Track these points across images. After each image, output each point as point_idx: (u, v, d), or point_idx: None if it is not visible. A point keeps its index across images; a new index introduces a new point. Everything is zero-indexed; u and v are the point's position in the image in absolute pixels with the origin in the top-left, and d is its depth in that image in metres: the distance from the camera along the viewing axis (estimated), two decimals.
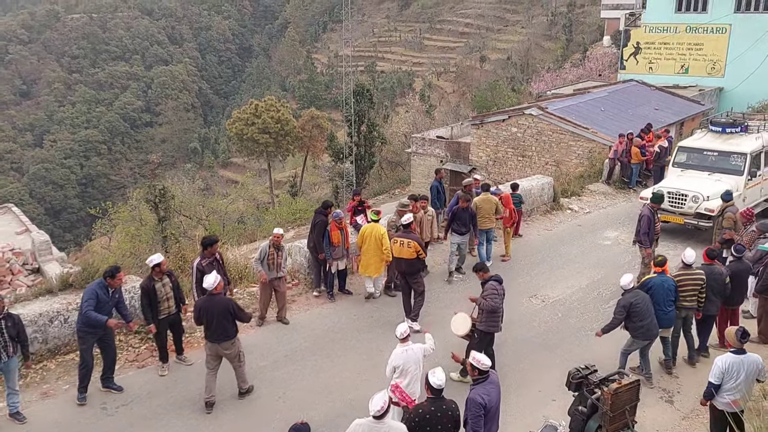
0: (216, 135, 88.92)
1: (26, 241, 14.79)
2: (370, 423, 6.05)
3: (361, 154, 37.22)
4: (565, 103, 25.33)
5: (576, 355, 9.78)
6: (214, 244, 9.80)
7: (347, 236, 11.65)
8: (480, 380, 6.70)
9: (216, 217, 28.66)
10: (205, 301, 8.54)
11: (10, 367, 8.09)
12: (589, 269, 13.43)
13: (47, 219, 70.03)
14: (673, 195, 14.61)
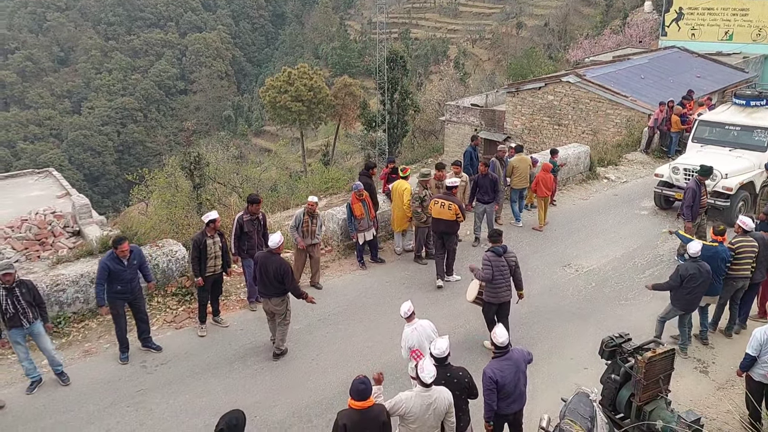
0: (249, 103, 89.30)
1: (67, 205, 15.14)
2: (420, 392, 6.03)
3: (394, 123, 36.98)
4: (604, 71, 24.75)
5: (610, 324, 9.70)
6: (256, 203, 9.98)
7: (370, 207, 11.55)
8: (497, 355, 6.68)
9: (250, 184, 28.91)
10: (264, 256, 8.84)
11: (35, 331, 8.20)
12: (625, 239, 13.24)
13: (86, 185, 71.46)
14: (690, 172, 13.75)
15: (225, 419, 5.15)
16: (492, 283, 8.71)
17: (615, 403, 7.28)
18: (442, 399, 6.05)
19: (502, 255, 8.69)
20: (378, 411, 5.78)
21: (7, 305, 7.84)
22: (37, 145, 79.66)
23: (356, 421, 5.69)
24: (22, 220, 14.00)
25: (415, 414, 5.98)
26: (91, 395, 8.28)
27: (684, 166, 13.99)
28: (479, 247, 12.73)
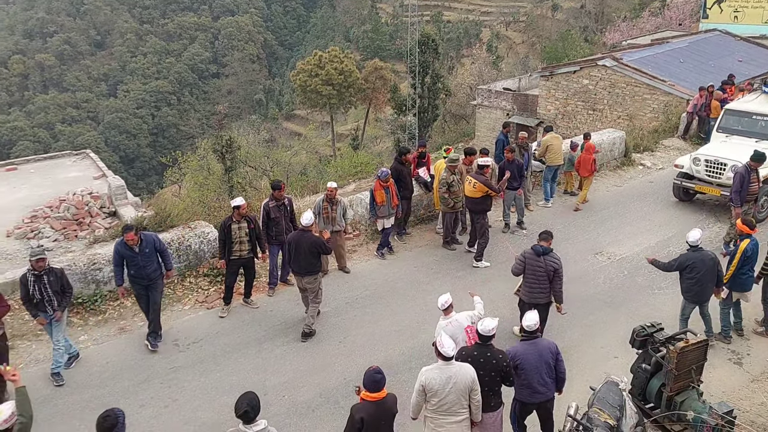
0: (280, 86, 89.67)
1: (103, 186, 15.46)
2: (440, 365, 6.05)
3: (425, 107, 36.76)
4: (642, 54, 24.20)
5: (642, 313, 9.57)
6: (279, 189, 10.04)
7: (393, 195, 11.42)
8: (524, 339, 6.72)
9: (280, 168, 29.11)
10: (296, 235, 9.15)
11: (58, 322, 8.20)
12: (660, 227, 13.01)
13: (122, 167, 72.73)
14: (711, 163, 13.22)
15: (245, 400, 5.21)
16: (525, 280, 8.53)
17: (645, 393, 7.23)
18: (464, 374, 6.02)
19: (541, 255, 8.32)
20: (392, 401, 5.77)
21: (34, 291, 7.92)
22: (75, 128, 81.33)
23: (372, 414, 5.63)
24: (60, 200, 14.36)
25: (435, 387, 5.98)
26: (126, 371, 8.49)
27: (705, 157, 13.35)
28: (508, 233, 12.65)
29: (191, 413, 7.68)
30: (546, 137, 14.04)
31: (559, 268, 8.32)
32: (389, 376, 8.14)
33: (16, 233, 13.17)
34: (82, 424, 7.46)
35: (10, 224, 13.56)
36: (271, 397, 7.99)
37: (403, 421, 6.73)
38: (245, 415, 5.16)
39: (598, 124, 22.66)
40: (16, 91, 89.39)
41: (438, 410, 6.07)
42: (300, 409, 7.86)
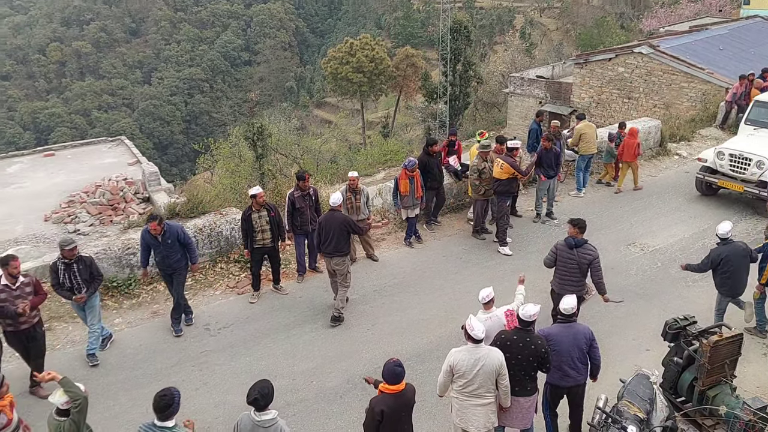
0: (311, 74, 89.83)
1: (137, 172, 15.74)
2: (469, 348, 6.05)
3: (456, 94, 36.49)
4: (680, 41, 23.63)
5: (675, 306, 9.42)
6: (304, 179, 10.05)
7: (418, 186, 11.30)
8: (560, 321, 6.73)
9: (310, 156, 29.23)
10: (326, 216, 9.33)
11: (88, 304, 8.31)
12: (695, 218, 12.75)
13: (156, 153, 73.85)
14: (735, 158, 12.74)
15: (257, 389, 5.26)
16: (556, 272, 8.37)
17: (677, 387, 7.13)
18: (492, 358, 6.03)
19: (573, 248, 8.06)
20: (411, 393, 5.75)
21: (64, 279, 8.06)
22: (111, 114, 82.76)
23: (392, 406, 5.62)
24: (96, 185, 14.67)
25: (463, 369, 5.99)
26: (159, 354, 8.67)
27: (730, 151, 12.89)
28: (539, 222, 12.53)
29: (221, 396, 7.81)
30: (579, 125, 13.82)
31: (594, 259, 8.05)
32: (417, 364, 8.21)
33: (54, 218, 13.51)
34: (116, 404, 7.65)
35: (48, 209, 13.91)
36: (300, 382, 8.08)
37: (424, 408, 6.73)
38: (255, 402, 5.23)
39: (634, 112, 22.25)
40: (54, 78, 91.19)
41: (464, 392, 6.10)
42: (328, 394, 7.93)
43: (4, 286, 7.39)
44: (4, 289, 7.38)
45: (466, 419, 6.18)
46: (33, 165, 17.46)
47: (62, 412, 5.39)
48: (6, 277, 7.40)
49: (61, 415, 5.39)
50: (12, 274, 7.42)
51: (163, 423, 5.21)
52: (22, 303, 7.40)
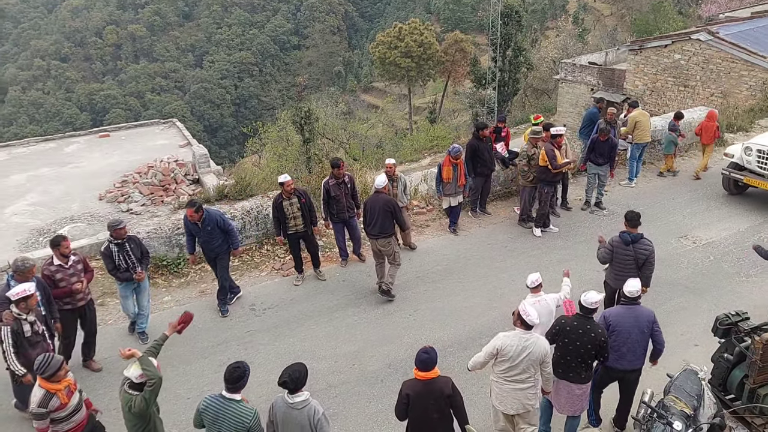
0: (359, 59, 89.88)
1: (188, 154, 16.09)
2: (519, 333, 6.01)
3: (505, 80, 36.02)
4: (740, 28, 22.72)
5: (727, 301, 9.15)
6: (338, 167, 9.86)
7: (461, 173, 11.11)
8: (623, 303, 6.63)
9: (356, 140, 29.35)
10: (371, 198, 9.44)
11: (142, 286, 8.46)
12: (751, 212, 12.32)
13: (206, 136, 75.32)
14: (764, 154, 11.97)
15: (288, 372, 5.28)
16: (612, 267, 8.18)
17: (726, 384, 6.94)
18: (539, 346, 6.00)
19: (630, 244, 7.83)
20: (442, 383, 5.65)
21: (119, 260, 8.10)
22: (163, 97, 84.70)
23: (419, 392, 5.61)
24: (148, 166, 15.06)
25: (510, 354, 5.95)
26: (206, 332, 8.88)
27: (758, 147, 12.06)
28: (587, 211, 12.32)
29: (265, 375, 7.95)
30: (634, 113, 13.42)
31: (650, 255, 7.84)
32: (458, 351, 8.20)
33: (108, 197, 13.95)
34: (165, 379, 7.78)
35: (103, 188, 14.36)
36: (342, 364, 8.17)
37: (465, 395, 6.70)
38: (284, 385, 5.27)
39: (689, 101, 21.56)
40: (109, 60, 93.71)
41: (506, 376, 6.08)
42: (369, 378, 8.00)
43: (58, 266, 7.52)
44: (59, 268, 7.52)
45: (505, 402, 6.18)
46: (89, 145, 18.03)
47: (135, 386, 5.46)
48: (58, 256, 7.55)
49: (133, 389, 5.46)
50: (64, 254, 7.56)
51: (232, 395, 5.31)
52: (78, 280, 7.63)
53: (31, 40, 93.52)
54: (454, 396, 5.61)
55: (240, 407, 5.27)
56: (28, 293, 6.47)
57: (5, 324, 6.46)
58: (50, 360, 5.56)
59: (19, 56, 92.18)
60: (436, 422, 5.64)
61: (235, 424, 5.23)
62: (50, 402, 5.54)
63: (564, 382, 6.38)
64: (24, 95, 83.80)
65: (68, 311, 7.72)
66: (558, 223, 11.82)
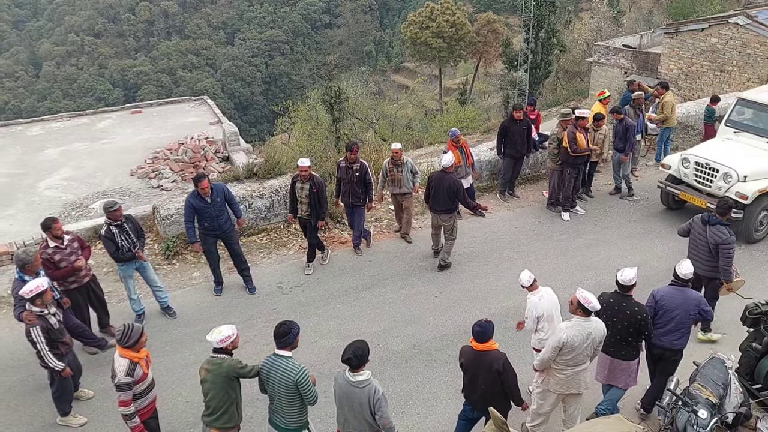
0: (390, 38, 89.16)
1: (218, 132, 16.23)
2: (580, 321, 6.04)
3: (537, 63, 35.42)
4: None
5: (757, 291, 8.98)
6: (351, 151, 9.76)
7: (468, 154, 11.06)
8: (673, 283, 6.68)
9: (385, 121, 29.24)
10: (438, 176, 9.70)
11: (145, 265, 8.43)
12: None
13: (236, 113, 75.68)
14: (702, 167, 10.76)
15: (351, 348, 5.36)
16: (688, 246, 8.16)
17: (753, 373, 6.86)
18: (599, 330, 6.09)
19: (706, 224, 7.74)
20: (493, 357, 5.75)
21: (122, 241, 8.01)
22: (195, 74, 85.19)
23: (470, 360, 5.89)
24: (179, 143, 15.24)
25: (576, 344, 6.01)
26: (233, 309, 9.04)
27: (696, 159, 10.87)
28: (616, 196, 12.17)
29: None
30: (668, 97, 13.04)
31: (722, 242, 7.69)
32: None
33: (139, 173, 14.17)
34: (192, 354, 8.06)
35: (134, 164, 14.59)
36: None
37: None
38: (348, 362, 5.35)
39: (725, 86, 21.04)
40: (142, 36, 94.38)
41: (568, 363, 6.17)
42: (394, 358, 8.08)
43: (54, 247, 7.52)
44: (56, 250, 7.52)
45: (568, 384, 6.27)
46: (121, 121, 18.29)
47: (219, 350, 5.55)
48: (52, 239, 7.55)
49: (216, 353, 5.55)
50: (56, 236, 7.57)
51: (281, 351, 5.52)
52: (77, 258, 7.66)
53: (65, 16, 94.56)
54: (505, 373, 5.75)
55: (288, 362, 5.48)
56: (42, 289, 6.39)
57: (32, 324, 6.34)
58: (132, 328, 5.65)
59: (53, 32, 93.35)
60: (485, 393, 5.87)
61: (282, 379, 5.45)
62: (135, 371, 5.64)
63: (603, 354, 6.50)
64: (58, 70, 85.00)
65: (76, 290, 7.78)
66: (586, 207, 11.71)
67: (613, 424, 5.65)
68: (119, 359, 5.65)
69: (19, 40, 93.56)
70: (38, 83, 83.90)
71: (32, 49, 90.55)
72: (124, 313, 8.77)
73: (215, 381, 5.52)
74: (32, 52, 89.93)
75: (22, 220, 11.94)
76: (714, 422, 5.79)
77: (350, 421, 5.49)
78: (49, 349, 6.44)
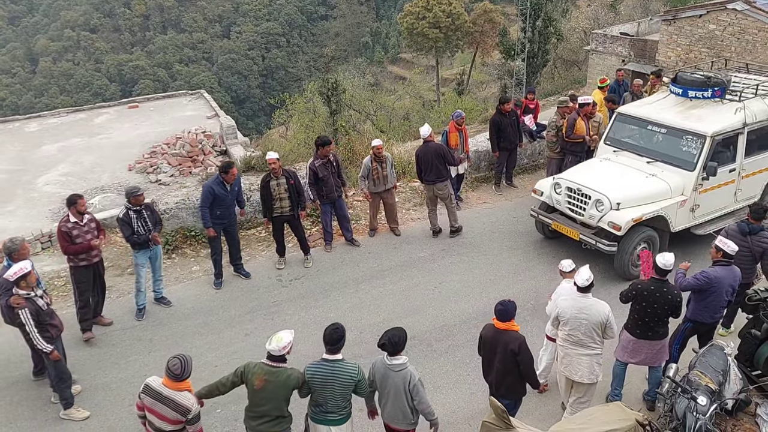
0: (387, 29, 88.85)
1: (215, 125, 16.19)
2: (576, 296, 6.24)
3: (534, 52, 35.32)
4: None
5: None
6: (326, 146, 9.68)
7: (466, 140, 11.09)
8: (721, 263, 6.75)
9: (383, 112, 29.16)
10: (422, 148, 10.12)
11: (158, 253, 8.65)
12: None
13: (233, 107, 75.45)
14: (574, 192, 9.45)
15: (388, 335, 5.46)
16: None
17: (753, 359, 6.90)
18: (597, 310, 6.20)
19: (747, 234, 7.45)
20: (511, 338, 5.83)
21: (138, 227, 8.18)
22: (191, 68, 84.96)
23: (488, 336, 5.99)
24: (176, 137, 15.20)
25: (567, 316, 6.24)
26: (234, 301, 9.06)
27: (568, 183, 9.56)
28: None
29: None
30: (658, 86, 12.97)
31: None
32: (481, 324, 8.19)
33: (137, 168, 14.14)
34: (192, 347, 8.07)
35: (132, 159, 14.56)
36: (367, 335, 8.27)
37: None
38: (383, 347, 5.46)
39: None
40: (138, 31, 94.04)
41: (568, 340, 6.32)
42: None
43: (74, 223, 7.76)
44: (75, 225, 7.76)
45: (570, 367, 6.38)
46: (119, 116, 18.24)
47: (276, 359, 5.32)
48: (74, 214, 7.78)
49: (275, 362, 5.32)
50: (80, 212, 7.79)
51: (335, 356, 5.42)
52: (93, 237, 7.86)
53: (61, 11, 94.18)
54: (521, 355, 5.79)
55: (345, 365, 5.44)
56: (26, 271, 6.43)
57: (20, 307, 6.40)
58: (188, 361, 5.27)
59: (49, 27, 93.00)
60: (500, 372, 5.92)
61: (344, 382, 5.40)
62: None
63: (643, 341, 6.56)
64: (54, 66, 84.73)
65: (84, 267, 7.95)
66: None
67: (612, 411, 5.68)
68: (181, 394, 5.20)
69: (15, 36, 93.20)
70: (35, 79, 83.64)
71: (28, 45, 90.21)
72: (124, 308, 8.81)
73: (276, 391, 5.34)
74: (28, 48, 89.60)
75: (22, 217, 11.93)
76: (713, 409, 5.83)
77: (389, 405, 5.59)
78: (38, 331, 6.50)
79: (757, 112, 9.59)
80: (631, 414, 5.60)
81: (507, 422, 5.31)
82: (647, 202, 9.13)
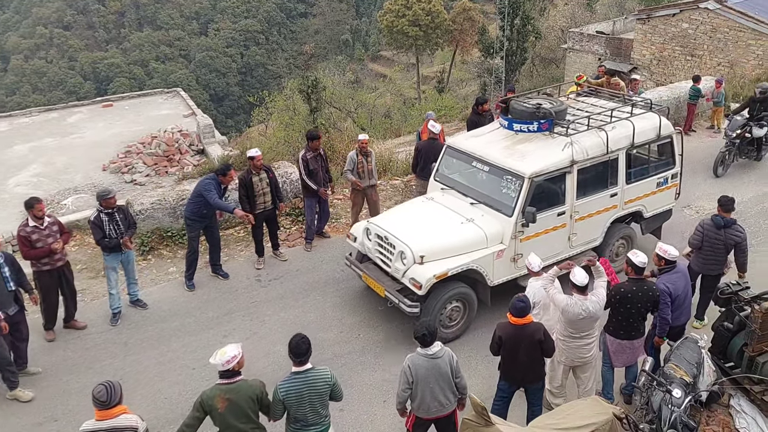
0: (367, 27, 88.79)
1: (192, 124, 16.05)
2: (577, 300, 6.34)
3: (513, 50, 35.59)
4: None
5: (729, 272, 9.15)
6: (316, 139, 9.81)
7: (442, 138, 10.90)
8: (666, 270, 6.82)
9: (364, 110, 29.11)
10: (426, 143, 10.38)
11: (130, 257, 8.54)
12: (755, 182, 12.29)
13: (211, 105, 74.79)
14: (382, 240, 8.18)
15: (424, 326, 5.55)
16: (700, 251, 7.97)
17: (726, 352, 7.01)
18: (598, 307, 6.37)
19: (721, 228, 7.65)
20: (534, 329, 5.99)
21: (110, 231, 8.06)
22: (168, 65, 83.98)
23: (510, 335, 6.04)
24: (152, 137, 15.04)
25: (571, 317, 6.34)
26: (212, 303, 8.99)
27: (377, 230, 8.29)
28: None
29: (270, 346, 8.05)
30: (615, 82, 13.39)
31: (741, 241, 7.73)
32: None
33: (112, 168, 13.97)
34: (169, 350, 8.01)
35: (106, 159, 14.37)
36: (347, 335, 8.27)
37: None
38: (422, 338, 5.53)
39: (696, 70, 21.31)
40: (113, 28, 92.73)
41: (572, 336, 6.47)
42: (376, 346, 8.11)
43: (33, 227, 7.62)
44: (34, 229, 7.62)
45: (573, 355, 6.56)
46: (92, 115, 17.99)
47: (228, 375, 5.05)
48: (32, 218, 7.64)
49: (229, 378, 5.05)
50: (38, 216, 7.65)
51: (303, 367, 5.25)
52: (54, 240, 7.72)
53: (32, 8, 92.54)
54: (546, 342, 6.04)
55: (317, 372, 5.31)
56: None
57: None
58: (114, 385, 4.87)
59: (20, 24, 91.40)
60: (525, 365, 6.11)
61: (321, 389, 5.27)
62: None
63: (626, 341, 6.71)
64: (26, 64, 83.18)
65: (47, 272, 7.81)
66: None
67: (590, 406, 5.74)
68: (118, 419, 4.81)
69: None
70: (6, 77, 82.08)
71: None
72: (98, 311, 8.70)
73: (242, 405, 5.07)
74: None
75: None
76: (688, 401, 5.89)
77: (436, 394, 5.65)
78: None
79: (589, 147, 8.27)
80: (609, 408, 5.67)
81: (487, 419, 5.34)
82: (457, 254, 7.79)
